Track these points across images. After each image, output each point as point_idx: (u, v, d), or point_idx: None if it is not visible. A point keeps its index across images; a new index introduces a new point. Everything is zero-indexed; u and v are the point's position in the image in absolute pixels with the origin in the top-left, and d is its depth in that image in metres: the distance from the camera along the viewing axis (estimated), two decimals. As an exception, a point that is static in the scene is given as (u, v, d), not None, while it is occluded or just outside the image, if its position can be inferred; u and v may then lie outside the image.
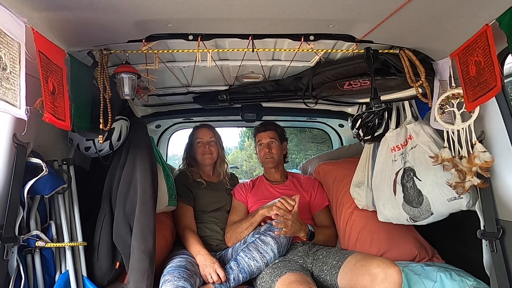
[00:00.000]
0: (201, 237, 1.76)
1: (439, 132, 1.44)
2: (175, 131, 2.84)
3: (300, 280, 1.29)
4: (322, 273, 1.47)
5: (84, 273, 1.35)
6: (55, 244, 1.27)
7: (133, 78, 1.42)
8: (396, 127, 1.64)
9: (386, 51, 1.44)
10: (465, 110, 1.25)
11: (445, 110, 1.32)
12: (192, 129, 2.11)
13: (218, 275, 1.44)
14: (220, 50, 1.43)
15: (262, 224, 1.66)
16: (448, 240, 1.73)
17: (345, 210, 1.84)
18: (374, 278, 1.23)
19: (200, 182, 1.91)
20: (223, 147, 2.08)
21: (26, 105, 0.95)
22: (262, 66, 1.64)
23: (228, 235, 1.75)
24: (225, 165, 2.08)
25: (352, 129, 1.76)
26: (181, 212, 1.78)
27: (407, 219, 1.52)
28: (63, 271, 1.31)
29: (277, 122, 2.78)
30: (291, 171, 2.28)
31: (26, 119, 0.97)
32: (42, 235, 1.24)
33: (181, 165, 2.08)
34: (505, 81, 1.06)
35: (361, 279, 1.27)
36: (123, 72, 1.39)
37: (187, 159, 2.03)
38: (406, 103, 1.60)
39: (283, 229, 1.48)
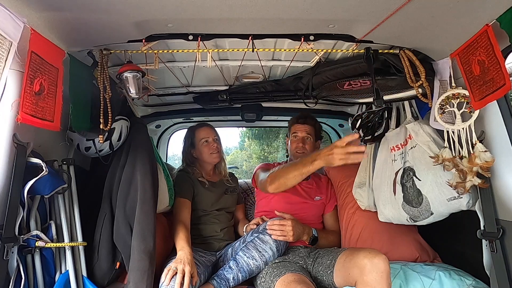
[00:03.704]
0: (203, 238, 1.76)
1: (439, 132, 1.44)
2: (175, 131, 2.85)
3: (298, 280, 1.29)
4: (319, 274, 1.47)
5: (84, 273, 1.35)
6: (55, 244, 1.27)
7: (137, 77, 1.41)
8: (396, 127, 1.64)
9: (386, 51, 1.44)
10: (465, 110, 1.26)
11: (445, 110, 1.32)
12: (188, 128, 2.07)
13: (182, 277, 1.28)
14: (220, 50, 1.43)
15: (261, 222, 1.66)
16: (448, 240, 1.73)
17: (348, 210, 1.85)
18: (362, 269, 1.24)
19: (202, 182, 1.90)
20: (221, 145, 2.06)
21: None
22: (262, 66, 1.64)
23: (272, 181, 1.54)
24: (224, 163, 2.06)
25: (352, 129, 1.76)
26: (179, 207, 1.73)
27: (407, 219, 1.52)
28: (63, 271, 1.31)
29: (277, 122, 2.81)
30: None
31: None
32: (42, 235, 1.24)
33: (181, 166, 2.07)
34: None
35: (352, 272, 1.28)
36: (127, 71, 1.38)
37: (187, 160, 1.99)
38: (406, 103, 1.61)
39: (290, 238, 1.49)
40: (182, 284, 1.28)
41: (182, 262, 1.34)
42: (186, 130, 2.09)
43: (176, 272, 1.30)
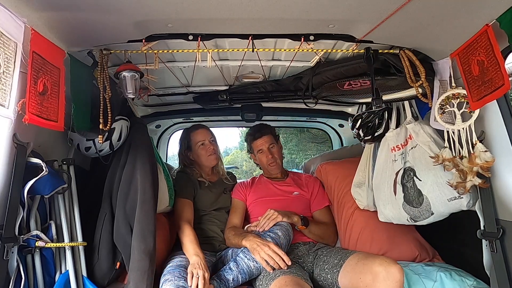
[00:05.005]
0: (202, 238, 1.76)
1: (439, 132, 1.44)
2: (175, 131, 2.84)
3: (289, 283, 1.28)
4: (323, 272, 1.47)
5: (84, 273, 1.35)
6: (55, 244, 1.27)
7: (135, 77, 1.42)
8: (396, 127, 1.64)
9: (386, 51, 1.44)
10: (466, 110, 1.26)
11: (445, 110, 1.32)
12: (183, 130, 2.08)
13: (203, 283, 1.32)
14: (220, 50, 1.43)
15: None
16: (448, 240, 1.73)
17: (346, 210, 1.85)
18: (376, 276, 1.23)
19: (202, 182, 1.90)
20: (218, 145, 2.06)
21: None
22: (262, 66, 1.64)
23: (226, 241, 1.75)
24: (221, 162, 2.06)
25: (352, 129, 1.75)
26: (182, 207, 1.74)
27: (407, 219, 1.52)
28: (63, 271, 1.31)
29: (277, 122, 2.81)
30: (292, 170, 2.28)
31: (13, 119, 0.98)
32: (42, 235, 1.24)
33: (179, 167, 2.07)
34: (505, 81, 1.07)
35: (363, 277, 1.27)
36: (125, 70, 1.38)
37: (185, 162, 1.99)
38: (406, 103, 1.60)
39: (278, 216, 1.58)
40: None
41: (199, 268, 1.37)
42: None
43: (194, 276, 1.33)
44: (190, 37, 1.30)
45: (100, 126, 1.42)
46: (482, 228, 1.27)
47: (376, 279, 1.23)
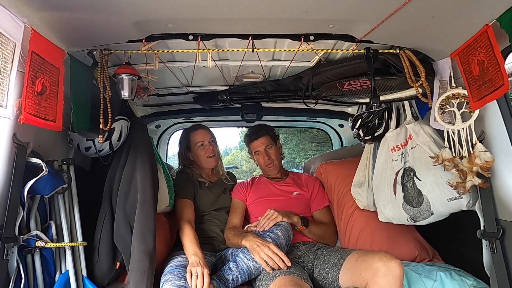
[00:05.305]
0: (202, 238, 1.76)
1: (439, 132, 1.44)
2: (175, 131, 2.85)
3: (289, 283, 1.29)
4: (324, 271, 1.47)
5: (84, 273, 1.35)
6: (55, 244, 1.27)
7: (133, 79, 1.42)
8: (396, 127, 1.64)
9: (386, 51, 1.44)
10: (466, 110, 1.26)
11: (445, 110, 1.32)
12: (183, 131, 2.07)
13: (202, 280, 1.32)
14: (220, 50, 1.43)
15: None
16: (448, 240, 1.73)
17: (346, 210, 1.85)
18: (376, 271, 1.24)
19: (202, 182, 1.90)
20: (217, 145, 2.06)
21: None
22: (262, 66, 1.64)
23: (226, 242, 1.75)
24: (221, 162, 2.06)
25: (352, 129, 1.75)
26: (183, 207, 1.74)
27: (407, 219, 1.52)
28: (63, 271, 1.31)
29: (277, 122, 2.82)
30: (292, 170, 2.28)
31: (11, 119, 0.98)
32: (42, 235, 1.24)
33: (178, 168, 2.07)
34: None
35: (364, 273, 1.28)
36: (123, 73, 1.39)
37: (184, 162, 1.99)
38: (406, 103, 1.61)
39: (278, 216, 1.58)
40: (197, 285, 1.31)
41: (200, 266, 1.37)
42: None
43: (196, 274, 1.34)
44: (190, 37, 1.30)
45: (100, 126, 1.42)
46: (482, 228, 1.27)
47: (376, 275, 1.23)
